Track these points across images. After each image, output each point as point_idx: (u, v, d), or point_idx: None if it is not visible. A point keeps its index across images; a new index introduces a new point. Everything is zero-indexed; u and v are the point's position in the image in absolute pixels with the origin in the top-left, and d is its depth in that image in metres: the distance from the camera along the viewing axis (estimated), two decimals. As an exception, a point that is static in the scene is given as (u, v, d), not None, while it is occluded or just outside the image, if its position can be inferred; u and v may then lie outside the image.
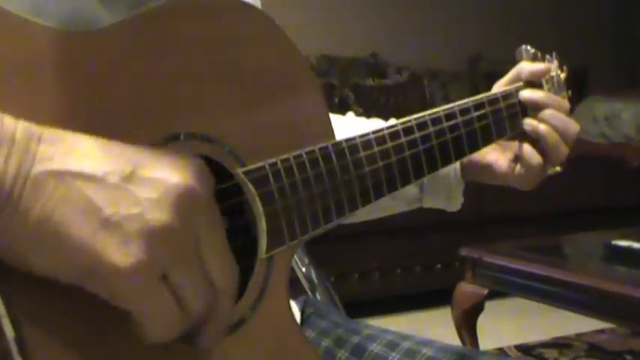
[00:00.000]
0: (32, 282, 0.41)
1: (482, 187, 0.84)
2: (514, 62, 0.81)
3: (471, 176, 0.81)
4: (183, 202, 0.42)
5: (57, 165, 0.40)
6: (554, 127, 0.76)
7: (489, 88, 0.79)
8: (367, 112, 3.19)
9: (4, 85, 0.42)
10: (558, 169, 0.77)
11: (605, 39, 4.25)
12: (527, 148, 0.76)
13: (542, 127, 0.76)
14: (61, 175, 0.40)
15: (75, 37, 0.45)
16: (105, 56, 0.46)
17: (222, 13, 0.53)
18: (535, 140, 0.77)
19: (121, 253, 0.40)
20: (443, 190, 0.81)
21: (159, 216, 0.41)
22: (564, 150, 0.76)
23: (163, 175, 0.42)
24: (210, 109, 0.52)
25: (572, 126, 0.77)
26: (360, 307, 1.75)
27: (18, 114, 0.40)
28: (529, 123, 0.76)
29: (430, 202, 0.83)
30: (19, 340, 0.40)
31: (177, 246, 0.43)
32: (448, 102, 0.72)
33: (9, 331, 0.40)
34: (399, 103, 3.32)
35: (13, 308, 0.40)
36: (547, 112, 0.76)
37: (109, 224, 0.40)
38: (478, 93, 0.75)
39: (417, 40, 3.71)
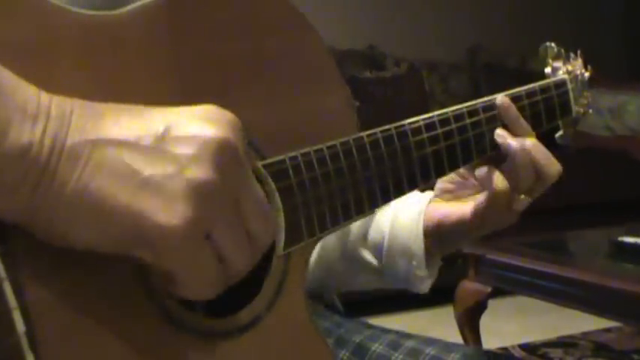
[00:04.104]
0: (44, 272, 0.41)
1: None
2: (514, 53, 0.76)
3: (442, 244, 0.75)
4: (221, 155, 0.42)
5: (89, 135, 0.40)
6: (529, 152, 0.68)
7: (489, 79, 0.74)
8: (365, 105, 3.16)
9: (29, 65, 0.42)
10: (523, 197, 0.69)
11: (609, 29, 4.22)
12: (494, 172, 0.68)
13: (516, 144, 0.68)
14: (94, 144, 0.40)
15: (95, 18, 0.45)
16: (124, 40, 0.46)
17: (248, 0, 0.53)
18: (503, 163, 0.69)
19: (166, 213, 0.40)
20: (402, 269, 0.75)
21: (199, 172, 0.41)
22: (533, 181, 0.69)
23: (197, 130, 0.42)
24: (231, 98, 0.51)
25: (554, 164, 0.69)
26: (361, 305, 1.73)
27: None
28: (501, 134, 0.69)
29: (390, 279, 0.77)
30: (30, 334, 0.40)
31: (220, 201, 0.42)
32: (448, 94, 0.68)
33: (19, 325, 0.39)
34: (397, 95, 3.28)
35: (24, 300, 0.40)
36: (529, 139, 0.69)
37: (148, 185, 0.40)
38: (478, 84, 0.70)
39: (416, 31, 3.69)
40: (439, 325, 2.02)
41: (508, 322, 2.51)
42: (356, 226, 0.76)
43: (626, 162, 3.30)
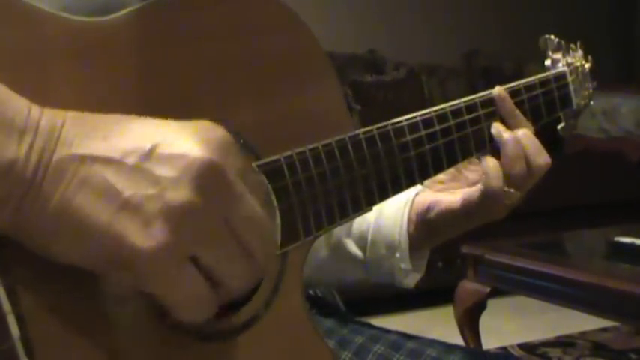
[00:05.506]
0: (37, 277, 0.41)
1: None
2: (511, 57, 0.77)
3: (431, 234, 0.75)
4: (204, 178, 0.41)
5: (76, 149, 0.40)
6: (520, 142, 0.69)
7: (487, 83, 0.75)
8: (365, 108, 3.19)
9: (18, 73, 0.41)
10: (514, 191, 0.69)
11: (602, 33, 4.24)
12: (490, 161, 0.69)
13: (507, 136, 0.69)
14: (80, 160, 0.40)
15: (87, 24, 0.45)
16: (117, 45, 0.46)
17: (239, 1, 0.52)
18: (498, 155, 0.70)
19: (142, 236, 0.39)
20: (386, 261, 0.75)
21: (178, 195, 0.40)
22: (524, 173, 0.69)
23: (183, 151, 0.41)
24: (225, 99, 0.50)
25: (543, 156, 0.70)
26: (362, 305, 1.74)
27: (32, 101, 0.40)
28: (496, 127, 0.70)
29: (374, 272, 0.77)
30: (25, 339, 0.39)
31: (203, 225, 0.41)
32: (446, 97, 0.69)
33: (14, 330, 0.39)
34: (397, 99, 3.31)
35: (19, 305, 0.40)
36: (521, 130, 0.70)
37: (128, 207, 0.39)
38: (476, 88, 0.72)
39: (415, 35, 3.71)
40: (439, 324, 2.03)
41: (507, 322, 2.51)
42: None
43: (621, 163, 3.34)
